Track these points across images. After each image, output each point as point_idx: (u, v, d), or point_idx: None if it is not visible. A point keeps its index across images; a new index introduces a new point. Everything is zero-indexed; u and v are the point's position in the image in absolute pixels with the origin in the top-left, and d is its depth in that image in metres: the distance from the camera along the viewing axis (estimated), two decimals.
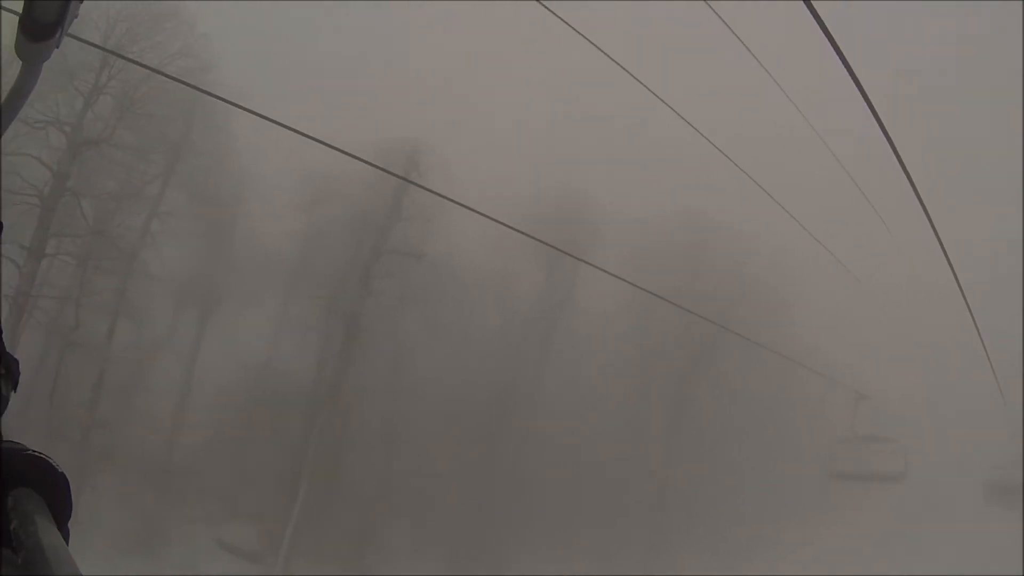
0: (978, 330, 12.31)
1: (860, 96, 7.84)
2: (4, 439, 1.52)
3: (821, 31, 6.63)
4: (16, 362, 1.74)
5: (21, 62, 2.42)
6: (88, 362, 32.24)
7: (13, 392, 1.71)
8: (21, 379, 1.77)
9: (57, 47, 2.37)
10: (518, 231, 9.84)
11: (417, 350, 38.76)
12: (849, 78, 7.50)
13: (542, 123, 41.83)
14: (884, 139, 7.80)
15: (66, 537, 1.39)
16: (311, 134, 10.94)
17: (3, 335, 1.79)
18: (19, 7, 2.30)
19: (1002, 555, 41.02)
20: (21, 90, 2.43)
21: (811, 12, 6.36)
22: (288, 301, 39.06)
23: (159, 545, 32.08)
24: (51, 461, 1.46)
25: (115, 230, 33.34)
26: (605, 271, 10.74)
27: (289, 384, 37.07)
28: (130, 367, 34.29)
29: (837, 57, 7.41)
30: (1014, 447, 33.47)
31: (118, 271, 33.62)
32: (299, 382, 37.10)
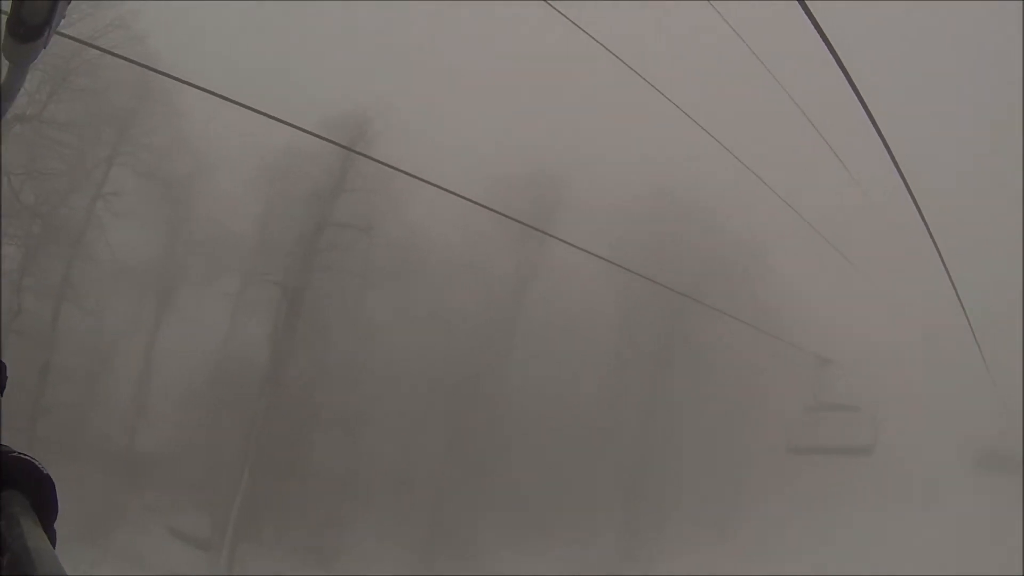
0: (957, 295, 12.22)
1: (834, 62, 7.88)
2: None
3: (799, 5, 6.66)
4: (4, 366, 1.78)
5: (8, 63, 2.42)
6: (32, 349, 31.62)
7: None
8: None
9: (44, 47, 2.37)
10: (484, 207, 9.76)
11: (384, 332, 38.51)
12: (823, 44, 7.53)
13: (512, 97, 41.68)
14: (859, 104, 7.85)
15: (52, 539, 1.43)
16: (257, 107, 10.73)
17: None
18: (7, 7, 2.26)
19: (982, 529, 41.97)
20: (9, 91, 2.46)
21: None
22: (240, 282, 38.49)
23: (107, 533, 31.74)
24: (36, 463, 1.50)
25: (56, 211, 32.67)
26: (575, 246, 10.65)
27: (243, 368, 36.68)
28: (76, 353, 33.77)
29: (809, 22, 7.45)
30: (1001, 415, 33.59)
31: (61, 254, 33.00)
32: (254, 366, 36.70)
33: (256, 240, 37.97)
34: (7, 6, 2.26)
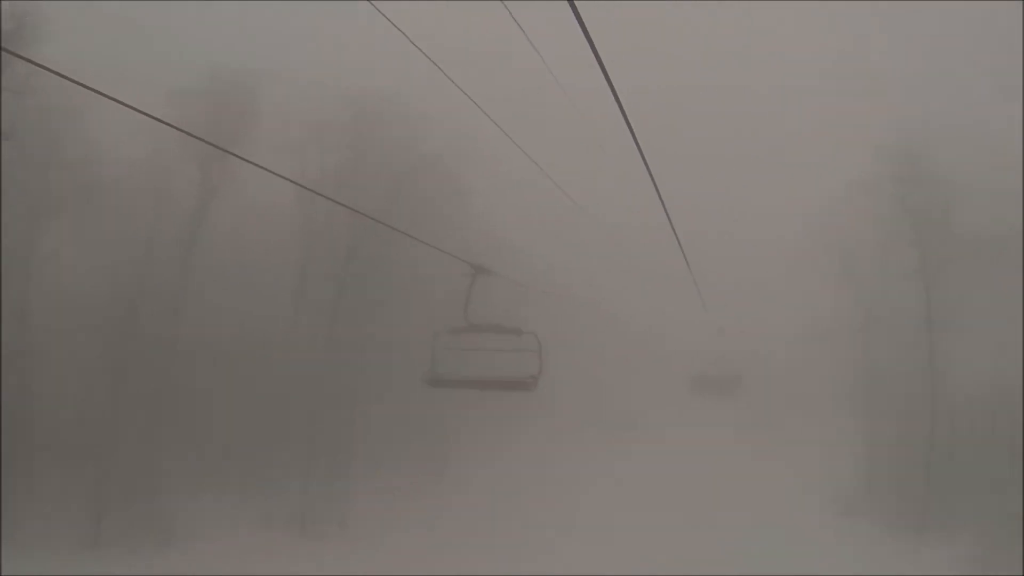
0: (670, 220, 12.36)
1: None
2: None
3: None
4: None
5: None
6: None
7: None
8: None
9: None
10: (161, 121, 8.54)
11: (50, 258, 34.95)
12: None
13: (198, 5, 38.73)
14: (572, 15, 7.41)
15: None
16: None
17: None
18: None
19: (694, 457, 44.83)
20: None
21: None
22: None
23: None
24: None
25: None
26: (260, 167, 9.61)
27: None
28: None
29: None
30: (714, 345, 35.00)
31: None
32: None
33: None
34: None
